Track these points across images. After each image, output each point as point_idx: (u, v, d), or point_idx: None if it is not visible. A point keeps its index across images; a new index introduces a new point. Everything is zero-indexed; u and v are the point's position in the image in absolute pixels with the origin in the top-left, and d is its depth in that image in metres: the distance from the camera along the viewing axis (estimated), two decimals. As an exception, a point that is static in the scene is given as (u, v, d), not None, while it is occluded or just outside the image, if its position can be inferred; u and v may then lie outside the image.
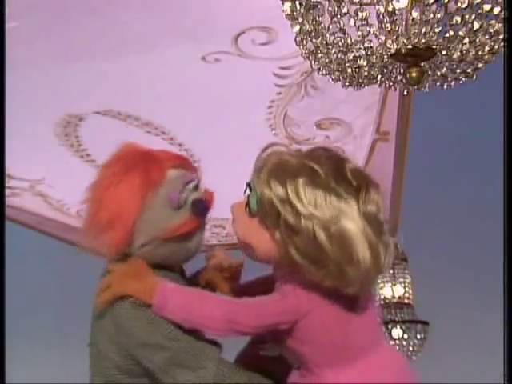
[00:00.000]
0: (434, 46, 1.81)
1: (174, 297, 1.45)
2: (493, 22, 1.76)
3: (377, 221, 1.41)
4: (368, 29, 1.78)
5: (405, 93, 2.19)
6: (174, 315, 1.44)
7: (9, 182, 4.21)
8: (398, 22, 1.74)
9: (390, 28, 1.76)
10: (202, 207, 1.55)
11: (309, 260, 1.38)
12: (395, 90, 2.17)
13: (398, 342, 4.76)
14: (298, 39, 1.93)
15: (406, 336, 4.76)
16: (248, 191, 1.47)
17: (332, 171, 1.42)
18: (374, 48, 1.84)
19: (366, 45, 1.83)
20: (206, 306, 1.44)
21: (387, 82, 2.06)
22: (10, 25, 2.49)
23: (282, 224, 1.39)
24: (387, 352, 1.57)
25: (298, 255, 1.38)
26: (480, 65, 1.93)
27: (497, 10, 1.74)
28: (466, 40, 1.79)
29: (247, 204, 1.45)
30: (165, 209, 1.50)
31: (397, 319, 4.82)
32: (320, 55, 1.93)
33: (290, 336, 1.45)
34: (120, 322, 1.46)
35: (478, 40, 1.80)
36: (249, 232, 1.45)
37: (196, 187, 1.56)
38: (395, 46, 1.80)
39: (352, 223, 1.38)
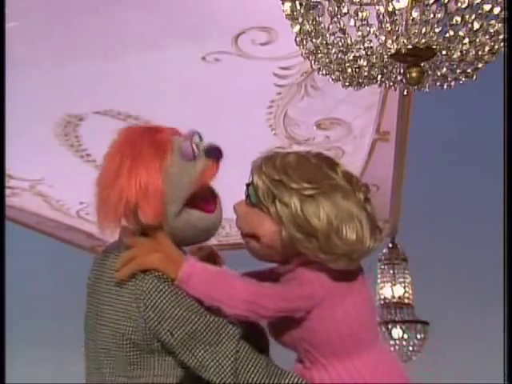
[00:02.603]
0: (434, 46, 1.80)
1: (199, 272, 1.47)
2: (493, 21, 1.76)
3: (366, 206, 1.51)
4: (368, 29, 1.78)
5: (405, 93, 2.19)
6: (197, 290, 1.46)
7: (9, 182, 4.21)
8: (398, 22, 1.74)
9: (390, 28, 1.76)
10: (215, 150, 1.58)
11: (302, 233, 1.47)
12: (395, 90, 2.17)
13: (397, 341, 4.76)
14: (297, 39, 1.93)
15: (406, 336, 4.76)
16: (247, 190, 1.57)
17: (322, 161, 1.55)
18: (374, 48, 1.84)
19: (366, 45, 1.83)
20: (229, 284, 1.48)
21: (387, 82, 2.06)
22: (9, 25, 2.49)
23: (277, 203, 1.49)
24: (385, 347, 1.64)
25: (293, 229, 1.47)
26: (480, 65, 1.93)
27: (497, 10, 1.73)
28: (466, 40, 1.79)
29: (247, 198, 1.56)
30: (182, 165, 1.52)
31: (397, 319, 4.83)
32: (320, 55, 1.93)
33: (301, 325, 1.51)
34: (143, 295, 1.46)
35: (478, 40, 1.79)
36: (251, 221, 1.54)
37: (201, 139, 1.59)
38: (395, 46, 1.80)
39: (342, 198, 1.48)
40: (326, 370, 1.51)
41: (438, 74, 1.98)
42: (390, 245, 5.06)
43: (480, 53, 1.85)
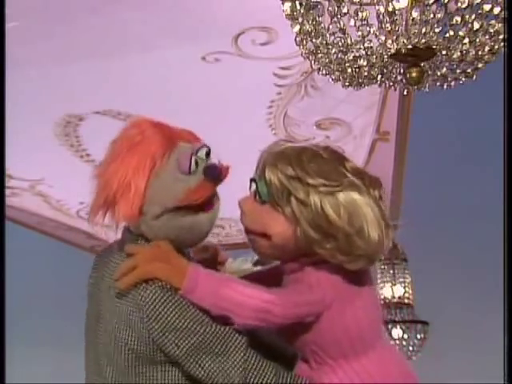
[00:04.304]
0: (434, 46, 1.81)
1: (205, 281, 1.40)
2: (493, 21, 1.76)
3: (381, 204, 1.45)
4: (368, 29, 1.78)
5: (405, 93, 2.19)
6: (203, 300, 1.40)
7: (9, 182, 4.21)
8: (398, 22, 1.74)
9: (390, 28, 1.76)
10: (215, 172, 1.49)
11: (320, 233, 1.40)
12: (395, 90, 2.17)
13: (397, 341, 4.75)
14: (298, 39, 1.94)
15: (406, 336, 4.76)
16: (254, 185, 1.49)
17: (333, 156, 1.47)
18: (374, 48, 1.84)
19: (366, 45, 1.83)
20: (238, 292, 1.40)
21: (387, 82, 2.06)
22: (9, 25, 2.49)
23: (293, 200, 1.41)
24: (390, 344, 1.61)
25: (310, 229, 1.40)
26: (480, 65, 1.93)
27: (497, 10, 1.74)
28: (466, 40, 1.79)
29: (256, 194, 1.47)
30: (175, 175, 1.45)
31: (397, 319, 4.82)
32: (320, 55, 1.93)
33: (310, 327, 1.45)
34: (147, 306, 1.40)
35: (477, 40, 1.80)
36: (262, 219, 1.46)
37: (208, 155, 1.52)
38: (395, 46, 1.80)
39: (361, 197, 1.41)
40: (334, 372, 1.47)
41: (438, 73, 1.98)
42: (390, 245, 5.04)
43: (480, 53, 1.86)
